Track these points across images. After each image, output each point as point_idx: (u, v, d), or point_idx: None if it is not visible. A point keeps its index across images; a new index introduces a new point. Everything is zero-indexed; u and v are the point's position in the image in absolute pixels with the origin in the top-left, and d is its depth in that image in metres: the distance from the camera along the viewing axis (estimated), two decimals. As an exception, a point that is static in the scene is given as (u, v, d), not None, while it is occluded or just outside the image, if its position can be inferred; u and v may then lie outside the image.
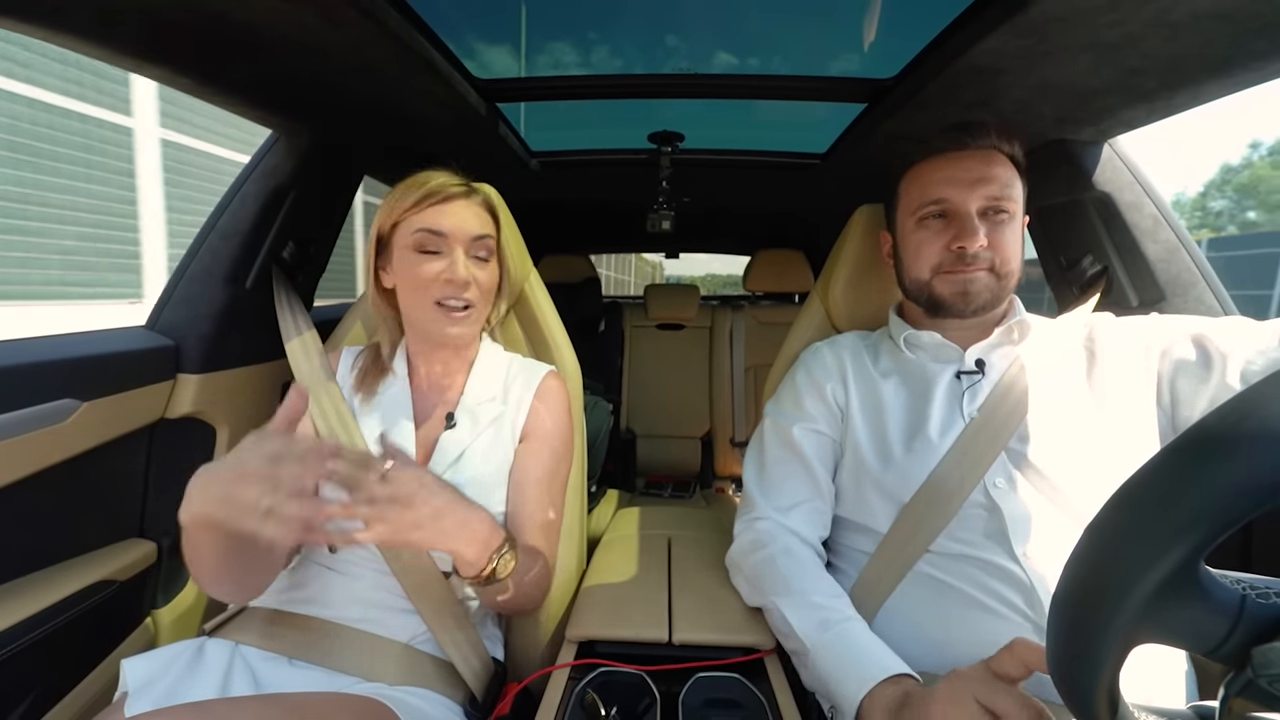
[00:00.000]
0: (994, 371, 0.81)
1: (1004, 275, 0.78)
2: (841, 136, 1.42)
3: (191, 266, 1.06)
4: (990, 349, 0.82)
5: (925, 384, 0.83)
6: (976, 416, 0.77)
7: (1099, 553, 0.33)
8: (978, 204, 0.77)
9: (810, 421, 0.89)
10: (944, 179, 0.79)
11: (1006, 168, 0.79)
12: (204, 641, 0.74)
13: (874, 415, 0.85)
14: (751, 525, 0.88)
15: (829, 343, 0.97)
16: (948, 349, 0.83)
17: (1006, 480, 0.74)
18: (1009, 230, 0.78)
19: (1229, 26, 0.71)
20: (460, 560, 0.68)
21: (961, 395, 0.80)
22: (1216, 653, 0.32)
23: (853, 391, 0.88)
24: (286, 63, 0.88)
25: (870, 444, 0.83)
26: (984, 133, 0.79)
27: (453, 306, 0.80)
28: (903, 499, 0.77)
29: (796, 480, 0.88)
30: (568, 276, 2.51)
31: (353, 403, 0.87)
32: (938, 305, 0.82)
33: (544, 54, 1.16)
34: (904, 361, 0.87)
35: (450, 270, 0.79)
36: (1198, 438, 0.31)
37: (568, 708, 0.69)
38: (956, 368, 0.82)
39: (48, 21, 0.72)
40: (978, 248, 0.76)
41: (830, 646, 0.69)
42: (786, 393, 0.96)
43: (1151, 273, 1.03)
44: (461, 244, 0.80)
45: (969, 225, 0.76)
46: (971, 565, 0.72)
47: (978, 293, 0.78)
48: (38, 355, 0.83)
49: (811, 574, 0.79)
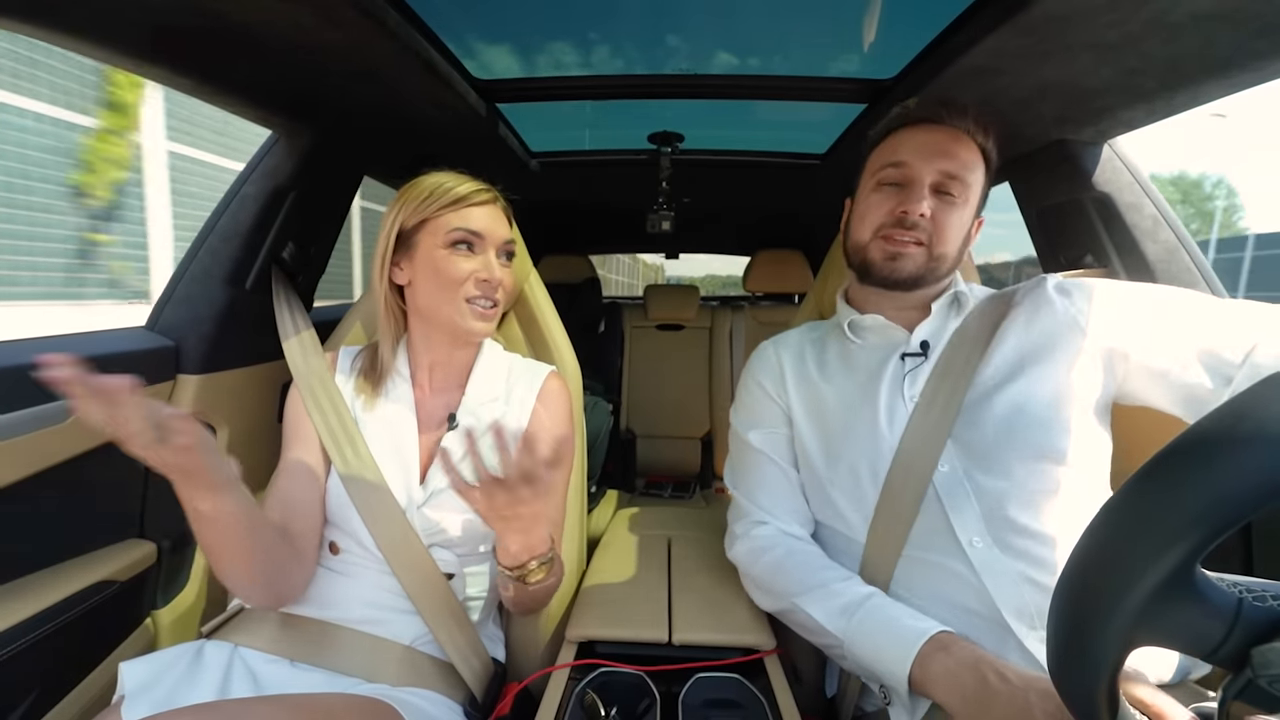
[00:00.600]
0: (935, 352, 0.80)
1: (936, 255, 0.78)
2: (841, 137, 1.42)
3: (191, 267, 1.06)
4: (934, 329, 0.81)
5: (870, 372, 0.82)
6: (919, 400, 0.76)
7: (1096, 557, 0.33)
8: (932, 176, 0.77)
9: (765, 426, 0.89)
10: (908, 146, 0.79)
11: (972, 152, 0.78)
12: (203, 644, 0.74)
13: (818, 415, 0.84)
14: (748, 532, 0.87)
15: (774, 341, 0.96)
16: (892, 330, 0.83)
17: (950, 466, 0.73)
18: (954, 214, 0.77)
19: (1229, 27, 0.71)
20: (503, 549, 0.72)
21: (903, 379, 0.79)
22: (1214, 655, 0.32)
23: (792, 392, 0.88)
24: (286, 63, 0.88)
25: (817, 445, 0.83)
26: (961, 113, 0.78)
27: (483, 304, 0.82)
28: (869, 495, 0.76)
29: (769, 482, 0.88)
30: (568, 276, 2.51)
31: (354, 404, 0.87)
32: (867, 270, 0.82)
33: (544, 54, 1.15)
34: (849, 352, 0.86)
35: (486, 269, 0.81)
36: (1192, 442, 0.31)
37: (568, 708, 0.69)
38: (902, 349, 0.81)
39: (47, 21, 0.72)
40: (918, 216, 0.76)
41: (859, 630, 0.68)
42: (741, 399, 0.96)
43: (1151, 273, 1.03)
44: (494, 245, 0.83)
45: (917, 191, 0.77)
46: (923, 574, 0.71)
47: (904, 264, 0.78)
48: (38, 355, 0.82)
49: (820, 565, 0.79)
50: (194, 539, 1.08)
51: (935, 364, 0.78)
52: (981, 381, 0.75)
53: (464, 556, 0.85)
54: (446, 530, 0.82)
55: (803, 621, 0.76)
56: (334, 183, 1.27)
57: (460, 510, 0.82)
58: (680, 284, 2.79)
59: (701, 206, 2.15)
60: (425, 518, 0.81)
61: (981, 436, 0.72)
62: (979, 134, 0.79)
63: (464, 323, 0.82)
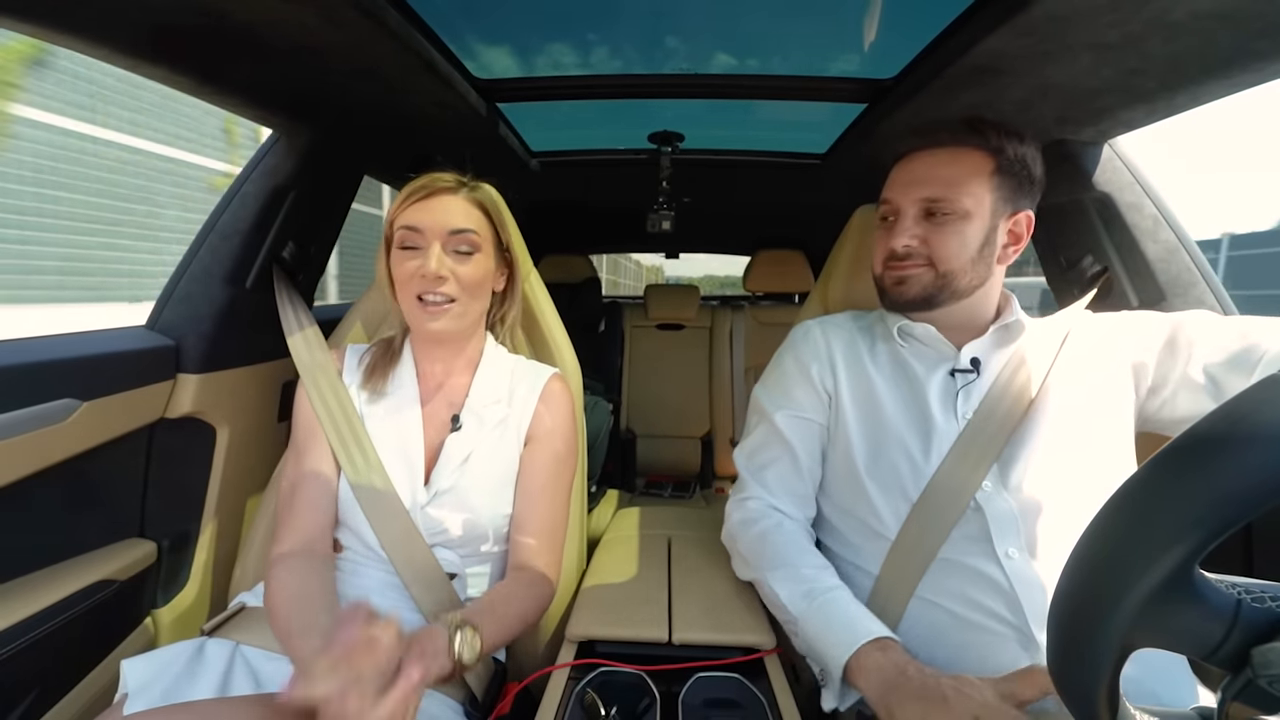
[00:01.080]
0: (988, 372, 0.81)
1: (943, 273, 0.79)
2: (842, 137, 1.42)
3: (192, 266, 1.06)
4: (985, 348, 0.83)
5: (918, 379, 0.83)
6: (972, 418, 0.78)
7: (1095, 557, 0.33)
8: (913, 207, 0.79)
9: (796, 408, 0.89)
10: (894, 181, 0.83)
11: (966, 164, 0.77)
12: (204, 642, 0.74)
13: (867, 406, 0.84)
14: (742, 504, 0.90)
15: (819, 322, 0.96)
16: (943, 345, 0.83)
17: (992, 483, 0.74)
18: (948, 231, 0.77)
19: (1229, 27, 0.71)
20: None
21: (956, 395, 0.80)
22: (1213, 656, 0.32)
23: (842, 379, 0.87)
24: (287, 63, 0.88)
25: (863, 435, 0.83)
26: (959, 127, 0.78)
27: (431, 301, 0.80)
28: (908, 496, 0.77)
29: (780, 465, 0.89)
30: (568, 276, 2.51)
31: (360, 402, 0.87)
32: (883, 294, 0.86)
33: (544, 54, 1.15)
34: (896, 352, 0.87)
35: (423, 265, 0.78)
36: (1191, 443, 0.31)
37: (567, 707, 0.69)
38: (951, 365, 0.82)
39: (48, 21, 0.72)
40: (901, 246, 0.79)
41: (816, 614, 0.72)
42: (774, 376, 0.96)
43: (1151, 273, 1.03)
44: (438, 238, 0.79)
45: (899, 225, 0.80)
46: (953, 575, 0.73)
47: (910, 287, 0.81)
48: (38, 355, 0.82)
49: (799, 548, 0.82)
50: (194, 538, 1.09)
51: (993, 384, 0.79)
52: (1037, 405, 0.77)
53: (466, 557, 0.85)
54: (450, 530, 0.82)
55: (768, 595, 0.80)
56: (334, 182, 1.27)
57: (463, 510, 0.82)
58: (680, 284, 2.79)
59: (702, 206, 2.15)
60: (429, 517, 0.81)
61: (1029, 457, 0.74)
62: (980, 138, 0.77)
63: (417, 324, 0.82)
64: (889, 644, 0.66)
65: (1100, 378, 0.77)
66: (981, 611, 0.70)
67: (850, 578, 0.82)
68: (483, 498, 0.84)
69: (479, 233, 0.83)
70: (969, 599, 0.71)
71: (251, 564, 1.01)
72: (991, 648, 0.69)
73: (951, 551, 0.73)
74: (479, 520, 0.83)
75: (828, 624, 0.71)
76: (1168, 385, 0.74)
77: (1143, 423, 0.78)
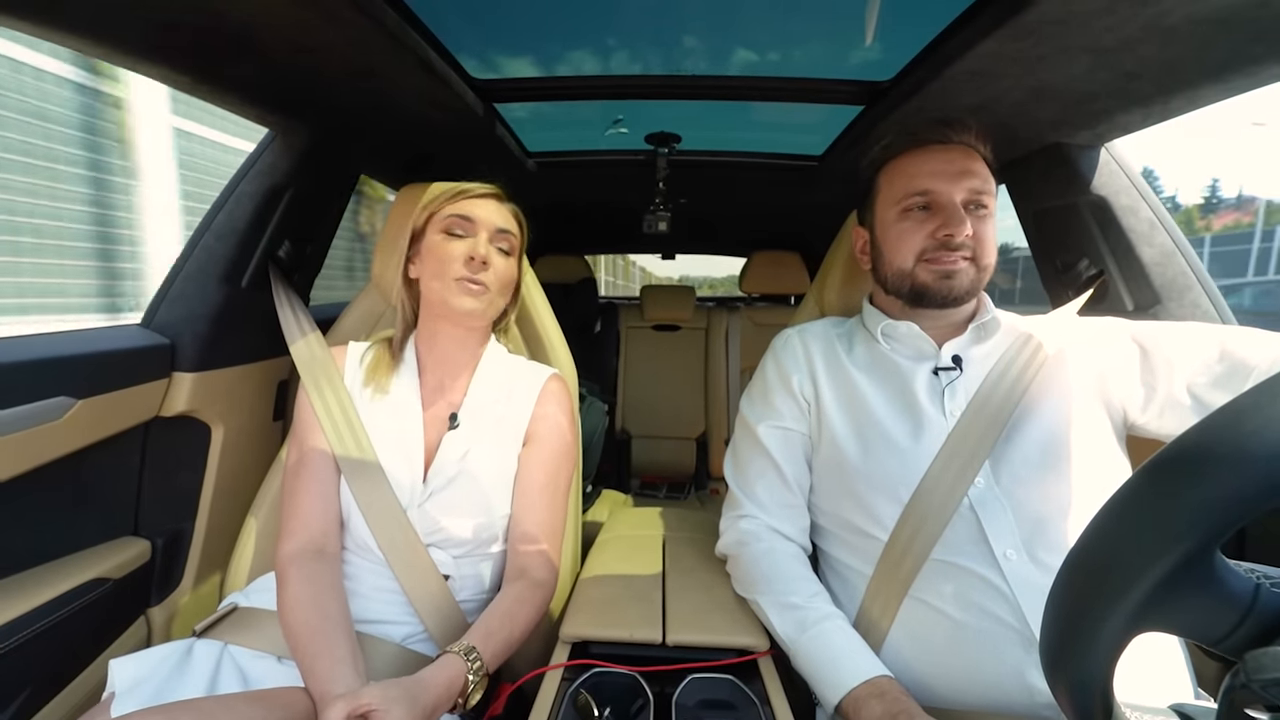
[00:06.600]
0: (972, 369, 0.81)
1: (982, 267, 0.79)
2: (838, 139, 1.43)
3: (187, 265, 1.06)
4: (966, 346, 0.83)
5: (902, 379, 0.83)
6: (962, 415, 0.77)
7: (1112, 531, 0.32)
8: (962, 195, 0.78)
9: (777, 419, 0.89)
10: (929, 171, 0.79)
11: (984, 165, 0.80)
12: (193, 643, 0.74)
13: (852, 405, 0.84)
14: (735, 523, 0.90)
15: (799, 330, 0.96)
16: (925, 343, 0.83)
17: (985, 481, 0.74)
18: (988, 225, 0.79)
19: (1225, 31, 0.71)
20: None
21: (941, 392, 0.80)
22: (1222, 644, 0.31)
23: (824, 384, 0.87)
24: (284, 62, 0.88)
25: (850, 437, 0.83)
26: (965, 129, 0.80)
27: (472, 283, 0.83)
28: (899, 496, 0.76)
29: (767, 479, 0.89)
30: (564, 277, 2.51)
31: (360, 399, 0.88)
32: (920, 293, 0.81)
33: (541, 55, 1.15)
34: (878, 354, 0.87)
35: (474, 247, 0.84)
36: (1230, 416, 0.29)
37: (561, 708, 0.69)
38: (933, 364, 0.83)
39: (46, 19, 0.72)
40: (965, 236, 0.76)
41: (808, 648, 0.73)
42: (757, 386, 0.96)
43: (1147, 276, 1.03)
44: (487, 231, 0.86)
45: (956, 214, 0.77)
46: (952, 579, 0.72)
47: (959, 281, 0.79)
48: (33, 352, 0.82)
49: (791, 574, 0.81)
50: (188, 537, 1.08)
51: (983, 381, 0.79)
52: (1026, 403, 0.77)
53: (461, 558, 0.85)
54: (445, 530, 0.82)
55: (762, 617, 0.81)
56: (330, 181, 1.26)
57: (459, 511, 0.82)
58: (676, 284, 2.79)
59: (698, 207, 2.15)
60: (425, 516, 0.81)
61: (1022, 455, 0.74)
62: (981, 146, 0.81)
63: (453, 299, 0.83)
64: (884, 685, 0.66)
65: (1087, 380, 0.78)
66: (981, 615, 0.69)
67: (845, 579, 0.82)
68: (480, 497, 0.84)
69: (516, 237, 0.91)
70: (968, 602, 0.70)
71: (245, 563, 1.01)
72: (992, 650, 0.68)
73: (949, 554, 0.72)
74: (474, 521, 0.83)
75: (820, 660, 0.71)
76: (1153, 403, 0.73)
77: (1130, 430, 0.78)
